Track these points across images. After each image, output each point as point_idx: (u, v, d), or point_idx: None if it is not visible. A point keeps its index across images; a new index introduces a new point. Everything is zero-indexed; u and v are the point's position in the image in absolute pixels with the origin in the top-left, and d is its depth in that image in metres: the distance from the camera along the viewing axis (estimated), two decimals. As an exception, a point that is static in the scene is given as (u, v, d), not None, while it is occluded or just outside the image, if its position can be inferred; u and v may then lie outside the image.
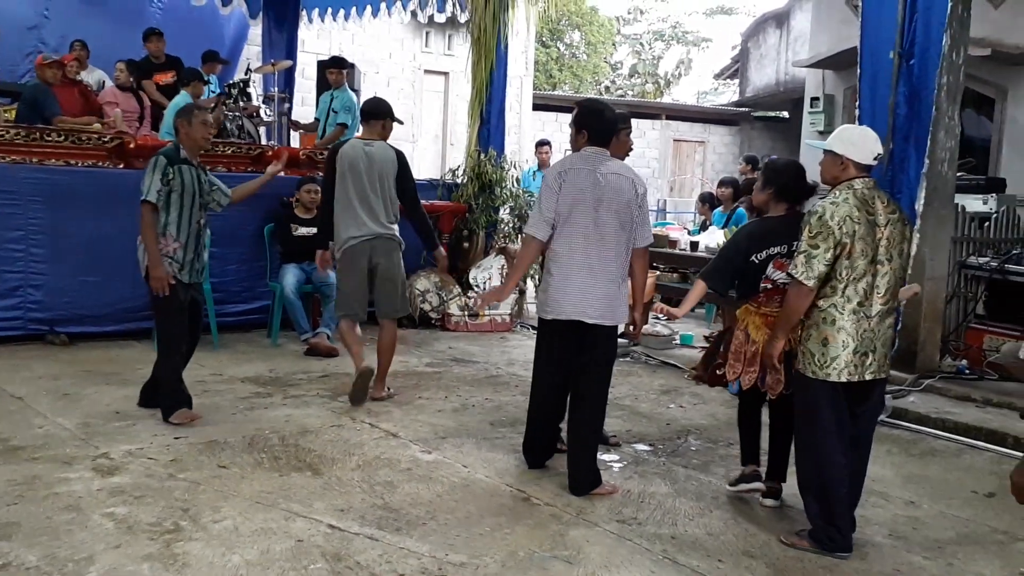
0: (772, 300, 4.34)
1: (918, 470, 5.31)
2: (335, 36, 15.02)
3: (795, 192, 4.42)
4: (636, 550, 3.95)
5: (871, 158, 4.04)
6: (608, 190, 4.50)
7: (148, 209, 5.28)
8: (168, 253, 5.33)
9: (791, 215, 4.37)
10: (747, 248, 4.40)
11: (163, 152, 5.43)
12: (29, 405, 5.60)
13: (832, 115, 14.44)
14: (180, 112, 5.65)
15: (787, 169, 4.49)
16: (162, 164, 5.31)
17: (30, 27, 11.00)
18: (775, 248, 4.31)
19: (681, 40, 32.18)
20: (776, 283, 4.32)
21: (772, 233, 4.37)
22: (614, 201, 4.49)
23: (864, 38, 6.38)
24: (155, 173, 5.29)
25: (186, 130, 5.48)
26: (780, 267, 4.29)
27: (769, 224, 4.46)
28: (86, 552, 3.62)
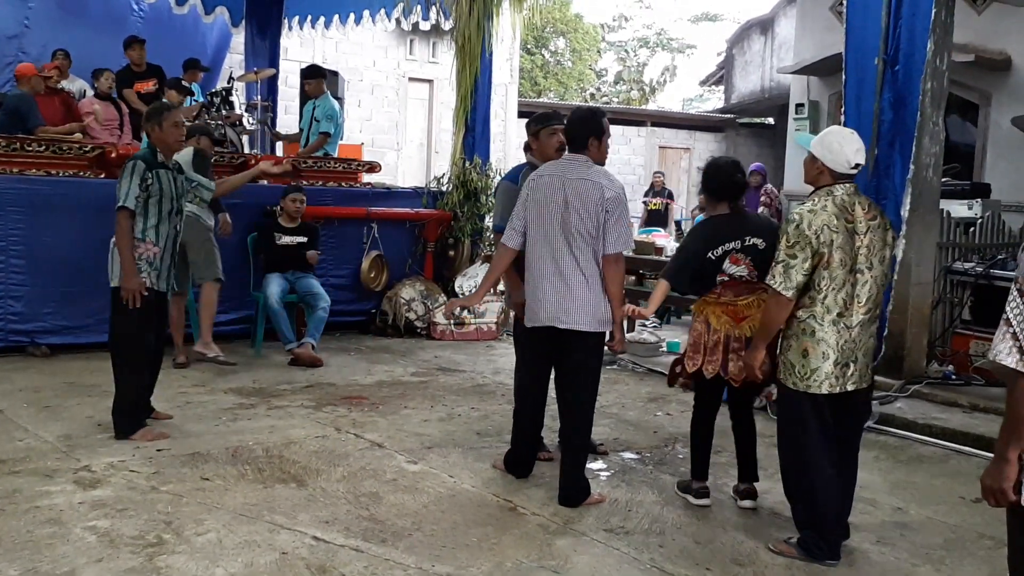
0: (728, 290, 4.41)
1: (905, 476, 5.30)
2: (318, 44, 14.97)
3: (720, 191, 4.49)
4: (624, 559, 3.93)
5: (848, 167, 3.95)
6: (574, 196, 4.47)
7: (125, 216, 5.15)
8: (148, 259, 5.22)
9: (735, 212, 4.49)
10: (701, 248, 4.45)
11: (140, 156, 5.31)
12: (9, 418, 5.54)
13: (817, 121, 14.48)
14: (149, 115, 5.48)
15: (711, 171, 4.56)
16: (140, 169, 5.19)
17: (10, 36, 10.91)
18: (729, 244, 4.38)
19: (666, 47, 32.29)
20: (733, 275, 4.39)
21: (723, 231, 4.43)
22: (580, 207, 4.46)
23: (849, 44, 6.40)
24: (133, 178, 5.16)
25: (157, 133, 5.35)
26: (735, 261, 4.37)
27: (717, 223, 4.52)
28: (68, 566, 3.57)
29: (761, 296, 4.28)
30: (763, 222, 4.67)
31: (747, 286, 4.38)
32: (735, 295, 4.39)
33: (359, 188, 9.32)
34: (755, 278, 4.34)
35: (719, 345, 4.41)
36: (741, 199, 4.54)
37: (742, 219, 4.48)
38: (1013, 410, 2.39)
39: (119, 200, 5.16)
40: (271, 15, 12.10)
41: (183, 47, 11.22)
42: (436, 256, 9.52)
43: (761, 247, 4.34)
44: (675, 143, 20.46)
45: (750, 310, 4.36)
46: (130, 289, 5.13)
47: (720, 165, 4.55)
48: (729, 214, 4.48)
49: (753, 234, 4.38)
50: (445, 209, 9.48)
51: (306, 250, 7.75)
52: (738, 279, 4.37)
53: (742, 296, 4.38)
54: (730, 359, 4.38)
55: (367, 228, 8.84)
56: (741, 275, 4.37)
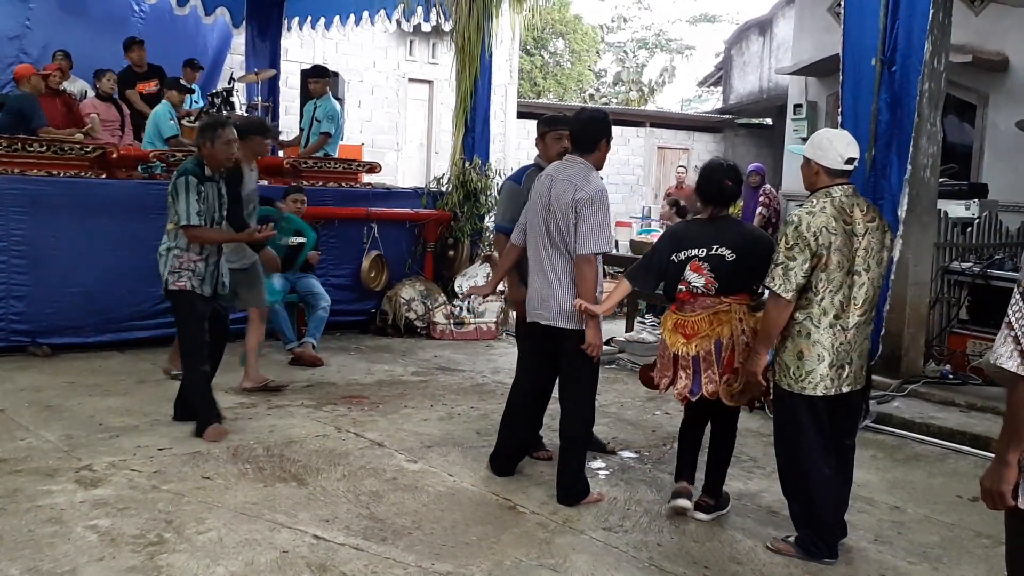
0: (684, 304, 4.31)
1: (902, 475, 5.33)
2: (319, 45, 14.99)
3: (704, 193, 4.38)
4: (623, 558, 3.95)
5: (841, 162, 3.95)
6: (554, 197, 4.51)
7: (195, 232, 5.26)
8: (190, 267, 5.30)
9: (713, 218, 4.35)
10: (668, 248, 4.37)
11: (189, 171, 5.31)
12: (11, 417, 5.56)
13: (815, 122, 14.50)
14: (204, 130, 5.48)
15: (704, 173, 4.43)
16: (194, 184, 5.25)
17: (11, 37, 10.91)
18: (693, 251, 4.26)
19: (665, 48, 32.30)
20: (690, 285, 4.27)
21: (692, 236, 4.34)
22: (556, 207, 4.49)
23: (846, 45, 6.41)
24: (190, 194, 5.22)
25: (209, 150, 5.37)
26: (696, 269, 4.25)
27: (692, 227, 4.48)
28: (69, 565, 3.59)
29: (715, 312, 4.20)
30: (742, 233, 4.37)
31: (702, 300, 4.25)
32: (689, 310, 4.28)
33: (359, 188, 9.34)
34: (712, 291, 4.23)
35: (670, 361, 4.34)
36: (728, 207, 4.39)
37: (717, 227, 4.30)
38: (1013, 413, 2.39)
39: (182, 219, 5.24)
40: (271, 16, 12.11)
41: (184, 48, 11.24)
42: (436, 256, 9.54)
43: (729, 259, 4.20)
44: (674, 144, 20.46)
45: (701, 326, 4.22)
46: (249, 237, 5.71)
47: (713, 168, 4.42)
48: (706, 220, 4.37)
49: (724, 244, 4.21)
50: (445, 209, 9.50)
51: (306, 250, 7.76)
52: (693, 291, 4.26)
53: (695, 312, 4.25)
54: (679, 376, 4.29)
55: (367, 228, 8.87)
56: (696, 286, 4.24)
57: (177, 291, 5.33)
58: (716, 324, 4.22)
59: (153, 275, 7.48)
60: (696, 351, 4.22)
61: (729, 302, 4.23)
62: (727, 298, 4.24)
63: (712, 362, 4.21)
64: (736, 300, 4.25)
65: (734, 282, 4.23)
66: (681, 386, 4.30)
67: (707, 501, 4.47)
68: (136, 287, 7.61)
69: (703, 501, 4.47)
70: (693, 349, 4.23)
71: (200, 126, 5.67)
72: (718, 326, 4.21)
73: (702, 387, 4.24)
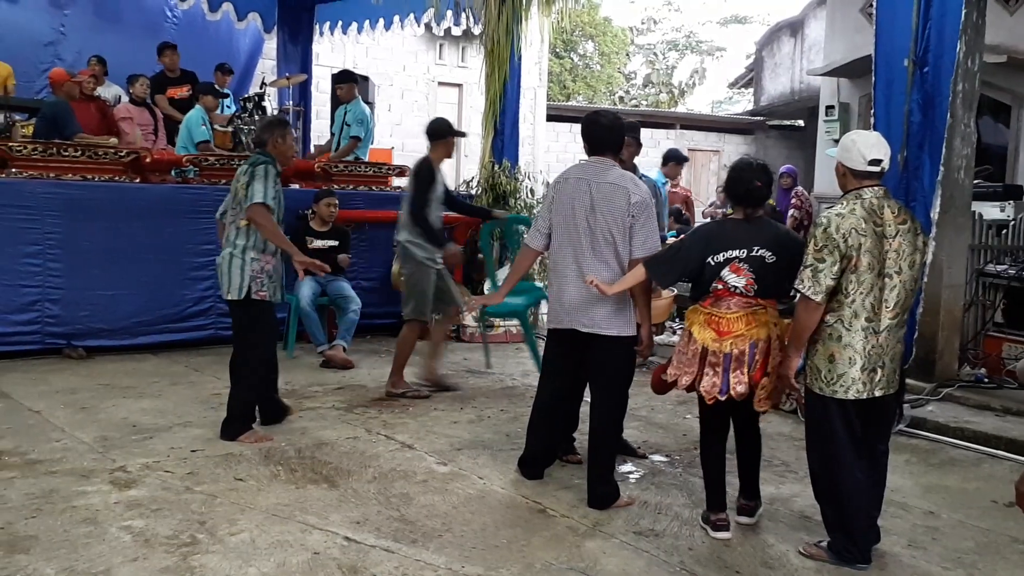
0: (719, 301, 4.17)
1: (937, 480, 5.27)
2: (349, 49, 15.08)
3: (733, 194, 4.29)
4: (653, 562, 3.94)
5: (864, 163, 3.90)
6: (600, 200, 4.49)
7: (266, 211, 5.18)
8: (268, 272, 5.30)
9: (749, 218, 4.24)
10: (700, 250, 4.24)
11: (270, 162, 5.32)
12: (47, 419, 5.63)
13: (847, 123, 14.40)
14: (274, 126, 5.50)
15: (733, 173, 4.32)
16: (274, 173, 5.26)
17: (46, 43, 11.09)
18: (734, 252, 4.15)
19: (695, 50, 32.19)
20: (728, 285, 4.16)
21: (730, 237, 4.21)
22: (606, 211, 4.47)
23: (878, 46, 6.37)
24: (269, 179, 5.21)
25: (279, 146, 5.40)
26: (736, 271, 4.14)
27: (727, 227, 4.31)
28: (104, 565, 3.63)
29: (752, 312, 4.11)
30: (779, 234, 4.27)
31: (739, 300, 4.14)
32: (724, 308, 4.15)
33: (389, 192, 9.37)
34: (751, 292, 4.13)
35: (696, 357, 4.18)
36: (760, 208, 4.27)
37: (755, 227, 4.20)
38: None
39: (256, 197, 5.16)
40: (302, 21, 12.22)
41: (216, 53, 11.34)
42: (465, 259, 9.54)
43: (769, 260, 4.11)
44: (704, 146, 20.38)
45: (736, 325, 4.11)
46: (304, 262, 5.40)
47: (741, 169, 4.29)
48: (742, 220, 4.24)
49: (764, 245, 4.12)
50: (474, 212, 9.50)
51: (337, 253, 7.81)
52: (732, 290, 4.14)
53: (731, 310, 4.13)
54: (706, 373, 4.15)
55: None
56: (737, 286, 4.12)
57: (259, 301, 5.29)
58: (754, 325, 4.10)
59: (187, 278, 7.73)
60: (731, 349, 4.10)
61: (765, 304, 4.15)
62: (762, 300, 4.16)
63: (744, 362, 4.10)
64: (770, 303, 4.18)
65: (773, 284, 4.15)
66: (708, 384, 4.15)
67: (748, 504, 4.42)
68: (170, 290, 7.71)
69: (744, 505, 4.42)
70: (727, 347, 4.11)
71: (268, 123, 5.63)
72: (755, 327, 4.10)
73: (731, 386, 4.12)
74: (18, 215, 7.09)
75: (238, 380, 5.42)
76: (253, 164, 5.31)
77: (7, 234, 7.05)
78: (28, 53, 10.67)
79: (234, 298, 5.30)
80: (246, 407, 5.42)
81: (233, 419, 5.37)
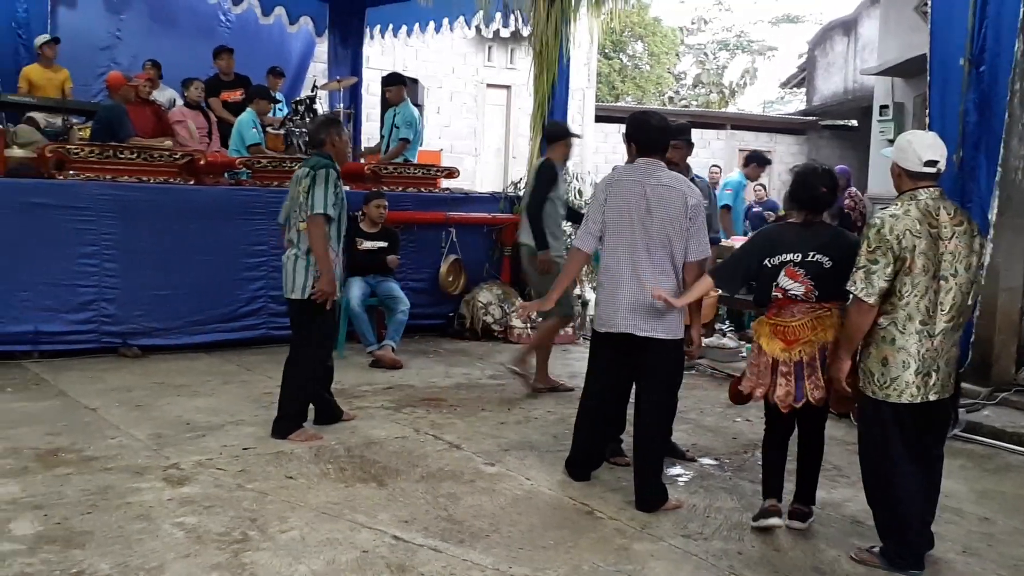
0: (783, 310, 4.16)
1: (993, 485, 5.17)
2: (399, 52, 15.18)
3: (798, 199, 4.25)
4: (702, 565, 3.91)
5: (920, 164, 3.84)
6: (656, 202, 4.47)
7: (324, 221, 5.22)
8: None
9: (807, 223, 4.22)
10: (760, 252, 4.26)
11: (330, 165, 5.34)
12: (102, 416, 5.73)
13: (902, 123, 14.20)
14: (329, 124, 5.53)
15: (798, 179, 4.29)
16: (334, 177, 5.28)
17: (102, 47, 11.27)
18: (788, 255, 4.15)
19: (746, 49, 31.92)
20: (787, 292, 4.15)
21: (786, 240, 4.20)
22: (662, 213, 4.46)
23: (933, 45, 6.27)
24: (329, 186, 5.22)
25: (338, 144, 5.44)
26: (792, 275, 4.13)
27: (785, 230, 4.31)
28: (157, 561, 3.69)
29: (817, 317, 4.10)
30: (838, 239, 4.22)
31: (801, 306, 4.13)
32: (788, 316, 4.15)
33: (438, 193, 9.43)
34: (812, 298, 4.11)
35: (768, 368, 4.20)
36: (822, 214, 4.25)
37: (812, 232, 4.18)
38: None
39: (317, 207, 5.20)
40: (353, 24, 12.32)
41: (269, 56, 11.48)
42: (513, 260, 9.56)
43: (827, 265, 4.09)
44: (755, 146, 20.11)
45: (803, 332, 4.11)
46: (327, 293, 5.28)
47: (807, 174, 4.27)
48: (800, 224, 4.24)
49: (819, 250, 4.11)
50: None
51: (387, 255, 7.86)
52: (792, 297, 4.14)
53: (795, 317, 4.13)
54: (779, 383, 4.16)
55: (445, 233, 8.94)
56: (796, 293, 4.12)
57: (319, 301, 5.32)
58: (820, 329, 4.10)
59: (239, 279, 7.83)
60: (800, 356, 4.10)
61: (829, 307, 4.12)
62: (826, 303, 4.12)
63: (816, 367, 4.10)
64: (834, 305, 4.13)
65: (833, 288, 4.09)
66: (782, 393, 4.15)
67: (803, 509, 4.37)
68: (222, 290, 7.82)
69: (798, 509, 4.37)
70: (796, 355, 4.11)
71: (323, 121, 5.64)
72: (822, 331, 4.09)
73: (806, 394, 4.12)
74: (75, 216, 7.23)
75: (292, 378, 5.46)
76: (315, 167, 5.31)
77: (65, 235, 7.19)
78: (84, 57, 10.85)
79: (297, 297, 5.36)
80: (299, 405, 5.46)
81: (285, 417, 5.42)
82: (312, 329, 5.41)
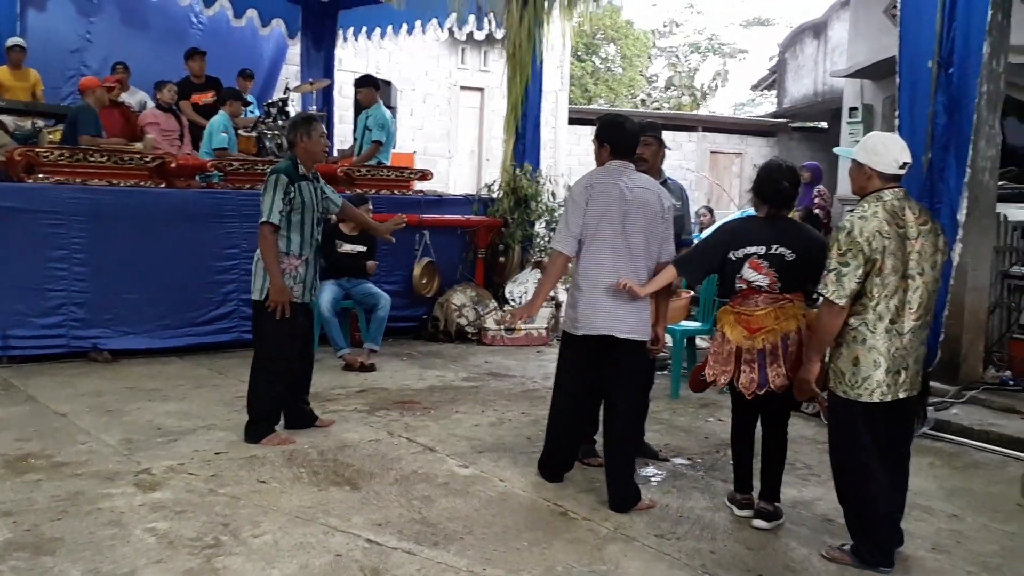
0: (746, 300, 4.29)
1: (961, 483, 5.23)
2: (372, 54, 15.13)
3: (762, 194, 4.36)
4: (675, 565, 3.93)
5: (896, 167, 3.91)
6: (635, 204, 4.50)
7: (270, 230, 5.21)
8: (292, 273, 5.31)
9: (770, 217, 4.34)
10: (724, 245, 4.36)
11: (281, 170, 5.31)
12: (72, 422, 5.68)
13: (871, 125, 14.29)
14: (298, 125, 5.47)
15: (762, 173, 4.41)
16: (283, 183, 5.23)
17: (72, 50, 11.17)
18: (752, 248, 4.26)
19: (717, 52, 32.06)
20: (751, 283, 4.27)
21: (752, 233, 4.32)
22: (641, 215, 4.50)
23: (902, 47, 6.31)
24: (276, 192, 5.20)
25: (305, 144, 5.38)
26: (756, 267, 4.25)
27: (751, 224, 4.43)
28: (128, 567, 3.67)
29: (780, 307, 4.21)
30: (801, 233, 4.36)
31: (766, 297, 4.24)
32: (752, 305, 4.26)
33: (411, 196, 9.42)
34: (776, 289, 4.23)
35: (731, 356, 4.30)
36: (785, 208, 4.37)
37: (775, 226, 4.30)
38: None
39: (263, 215, 5.21)
40: (326, 27, 12.28)
41: (241, 58, 11.44)
42: (487, 262, 9.59)
43: (789, 258, 4.21)
44: (727, 148, 20.31)
45: (765, 321, 4.21)
46: (277, 301, 5.23)
47: (771, 170, 4.40)
48: (764, 218, 4.36)
49: (783, 243, 4.22)
50: (496, 216, 9.55)
51: (365, 259, 7.83)
52: (756, 288, 4.25)
53: (759, 307, 4.24)
54: (743, 370, 4.27)
55: (419, 235, 8.94)
56: (760, 284, 4.24)
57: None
58: (782, 319, 4.21)
59: (211, 282, 7.80)
60: (763, 345, 4.21)
61: (791, 298, 4.25)
62: (789, 295, 4.25)
63: (779, 356, 4.20)
64: (796, 296, 4.27)
65: (795, 281, 4.24)
66: (746, 380, 4.26)
67: (768, 508, 4.41)
68: (194, 294, 7.79)
69: (764, 508, 4.41)
70: (759, 343, 4.22)
71: (293, 122, 5.60)
72: (784, 320, 4.21)
73: (769, 380, 4.22)
74: (45, 220, 7.17)
75: (253, 380, 5.44)
76: (270, 172, 5.36)
77: (34, 239, 7.13)
78: (55, 60, 10.76)
79: (255, 299, 5.36)
80: (266, 407, 5.43)
81: (253, 421, 5.40)
82: (265, 330, 5.38)
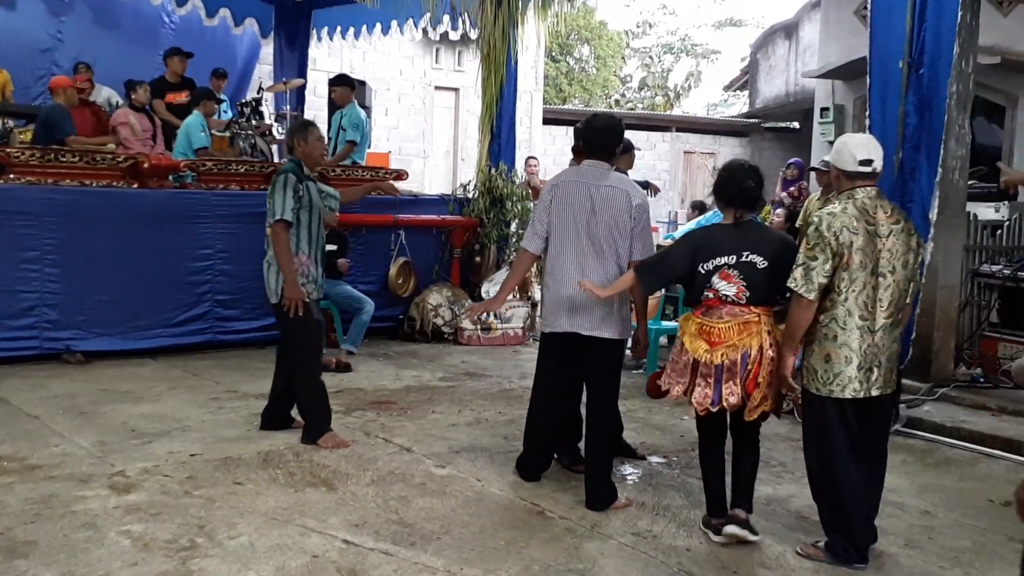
0: (711, 311, 4.12)
1: (933, 479, 5.29)
2: (346, 54, 15.10)
3: (724, 195, 4.20)
4: (651, 563, 3.95)
5: (854, 163, 3.92)
6: (600, 203, 4.51)
7: (283, 227, 5.24)
8: (303, 271, 5.33)
9: (740, 224, 4.16)
10: (691, 256, 4.17)
11: (289, 170, 5.37)
12: (46, 424, 5.64)
13: (842, 125, 14.42)
14: (295, 130, 5.57)
15: (723, 174, 4.26)
16: (292, 182, 5.28)
17: (43, 49, 11.07)
18: (722, 259, 4.08)
19: (690, 53, 32.19)
20: (718, 293, 4.10)
21: (719, 243, 4.13)
22: (606, 213, 4.50)
23: (873, 48, 6.38)
24: (287, 191, 5.24)
25: (303, 148, 5.44)
26: (725, 278, 4.09)
27: (716, 234, 4.24)
28: (103, 570, 3.64)
29: (744, 322, 4.05)
30: (770, 238, 4.20)
31: (731, 308, 4.08)
32: (716, 317, 4.09)
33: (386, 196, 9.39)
34: (743, 299, 4.07)
35: (688, 367, 4.15)
36: (751, 210, 4.18)
37: (745, 233, 4.13)
38: None
39: (276, 214, 5.24)
40: (299, 26, 12.23)
41: (214, 58, 11.36)
42: (463, 262, 9.59)
43: (760, 265, 4.06)
44: (700, 148, 20.43)
45: (728, 335, 4.05)
46: (293, 299, 5.25)
47: (733, 170, 4.24)
48: (731, 225, 4.17)
49: (753, 250, 4.07)
50: (471, 216, 9.55)
51: (336, 258, 7.82)
52: (723, 299, 4.09)
53: (723, 319, 4.07)
54: (697, 384, 4.11)
55: (394, 235, 8.93)
56: (727, 295, 4.07)
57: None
58: (745, 334, 4.04)
59: (184, 283, 7.74)
60: (721, 360, 4.05)
61: (758, 312, 4.08)
62: (756, 308, 4.09)
63: (736, 373, 4.04)
64: (763, 311, 4.11)
65: (765, 291, 4.10)
66: (700, 396, 4.11)
67: (740, 516, 4.19)
68: (167, 295, 7.73)
69: (735, 515, 4.19)
70: (718, 358, 4.06)
71: (291, 128, 5.68)
72: (747, 336, 4.04)
73: (723, 398, 4.07)
74: (16, 221, 7.10)
75: (298, 381, 5.45)
76: (278, 173, 5.41)
77: (5, 240, 7.06)
78: (25, 60, 10.66)
79: (273, 302, 5.39)
80: (317, 403, 5.43)
81: (311, 420, 5.40)
82: (294, 329, 5.40)
